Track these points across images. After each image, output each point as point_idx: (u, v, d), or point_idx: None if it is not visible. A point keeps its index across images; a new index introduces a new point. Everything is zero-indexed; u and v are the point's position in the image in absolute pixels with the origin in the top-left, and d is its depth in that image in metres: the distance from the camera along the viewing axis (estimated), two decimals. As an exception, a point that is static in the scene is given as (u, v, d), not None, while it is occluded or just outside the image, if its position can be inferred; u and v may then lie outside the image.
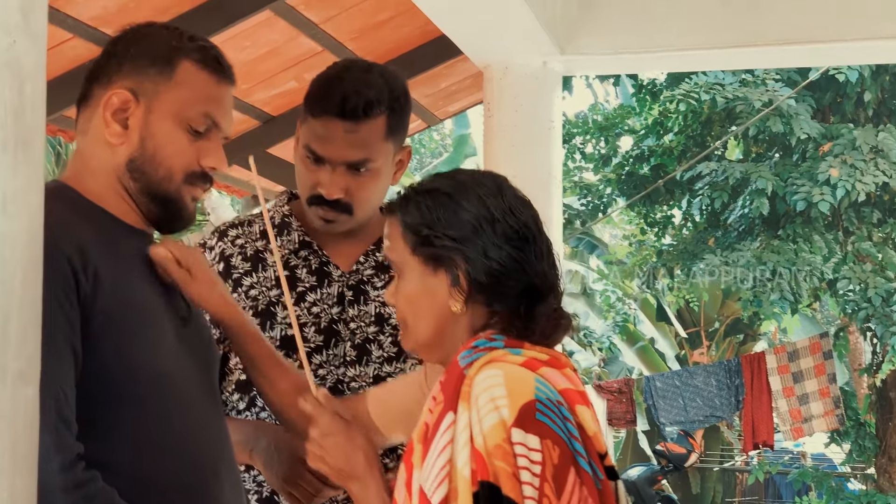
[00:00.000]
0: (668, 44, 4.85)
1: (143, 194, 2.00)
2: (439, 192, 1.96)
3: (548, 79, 4.86)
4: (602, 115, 15.24)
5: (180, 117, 1.99)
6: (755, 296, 11.59)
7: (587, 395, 1.89)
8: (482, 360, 1.86)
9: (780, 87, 11.47)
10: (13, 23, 1.34)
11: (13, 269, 1.33)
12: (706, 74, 11.69)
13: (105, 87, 1.99)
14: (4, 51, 1.32)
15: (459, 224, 1.93)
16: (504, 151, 4.79)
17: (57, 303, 1.77)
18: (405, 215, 1.98)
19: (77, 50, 4.35)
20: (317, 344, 2.49)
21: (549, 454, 1.75)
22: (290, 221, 2.57)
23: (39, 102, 1.39)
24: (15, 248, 1.33)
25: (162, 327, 1.97)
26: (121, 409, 1.87)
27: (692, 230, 13.77)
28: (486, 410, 1.77)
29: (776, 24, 4.67)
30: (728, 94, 11.51)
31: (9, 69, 1.33)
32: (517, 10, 4.21)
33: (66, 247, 1.82)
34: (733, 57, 5.12)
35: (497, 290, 1.92)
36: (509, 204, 1.95)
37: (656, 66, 8.01)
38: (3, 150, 1.32)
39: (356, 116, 2.39)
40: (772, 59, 5.68)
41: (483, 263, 1.91)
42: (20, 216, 1.35)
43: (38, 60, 1.38)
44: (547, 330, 1.93)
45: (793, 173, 11.41)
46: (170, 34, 2.04)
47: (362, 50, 5.19)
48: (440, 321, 1.95)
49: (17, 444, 1.33)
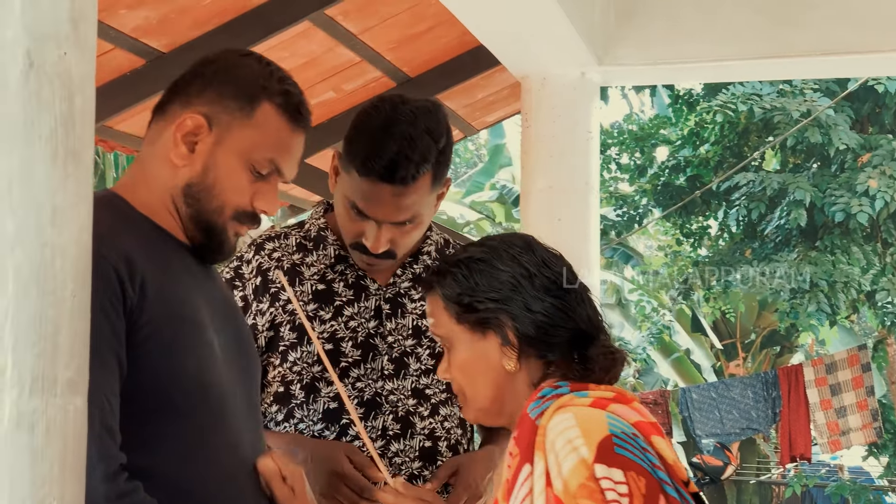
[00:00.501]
0: (705, 54, 4.84)
1: (191, 220, 1.99)
2: (472, 260, 2.00)
3: (586, 89, 4.86)
4: (638, 126, 15.20)
5: (247, 157, 1.98)
6: (792, 307, 11.54)
7: (660, 426, 1.91)
8: (552, 407, 1.88)
9: (818, 98, 11.42)
10: (63, 35, 1.35)
11: (63, 280, 1.34)
12: (743, 85, 11.65)
13: (183, 106, 1.98)
14: (56, 62, 1.33)
15: (498, 285, 1.97)
16: (542, 162, 4.78)
17: (103, 312, 1.77)
18: (444, 289, 2.01)
19: (118, 61, 4.38)
20: (354, 358, 2.49)
21: (636, 485, 1.76)
22: (325, 235, 2.56)
23: (88, 114, 1.40)
24: (65, 259, 1.34)
25: (207, 339, 1.96)
26: (163, 419, 1.87)
27: (728, 241, 13.71)
28: (564, 453, 1.79)
29: (813, 35, 4.65)
30: (766, 104, 11.47)
31: (59, 80, 1.34)
32: (555, 20, 4.21)
33: (114, 256, 1.82)
34: (771, 67, 5.10)
35: (547, 341, 1.95)
36: (541, 257, 2.00)
37: (694, 77, 7.99)
38: (53, 161, 1.33)
39: (403, 183, 2.37)
40: (809, 69, 5.66)
41: (528, 317, 1.95)
42: (69, 227, 1.36)
43: (87, 72, 1.39)
44: (606, 366, 1.96)
45: (831, 184, 11.35)
46: (260, 70, 2.02)
47: (400, 60, 5.20)
48: (497, 383, 1.98)
49: (67, 454, 1.34)
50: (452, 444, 2.54)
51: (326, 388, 2.47)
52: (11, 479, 1.27)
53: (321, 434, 2.47)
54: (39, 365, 1.30)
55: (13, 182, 1.29)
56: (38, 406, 1.30)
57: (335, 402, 2.47)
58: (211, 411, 1.94)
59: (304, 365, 2.47)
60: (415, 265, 2.57)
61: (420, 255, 2.59)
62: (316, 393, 2.47)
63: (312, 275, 2.52)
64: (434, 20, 4.91)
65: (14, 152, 1.29)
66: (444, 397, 2.54)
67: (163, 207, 2.00)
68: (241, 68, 2.01)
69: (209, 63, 2.03)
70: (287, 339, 2.48)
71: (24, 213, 1.29)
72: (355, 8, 4.61)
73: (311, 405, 2.48)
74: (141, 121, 4.90)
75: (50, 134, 1.32)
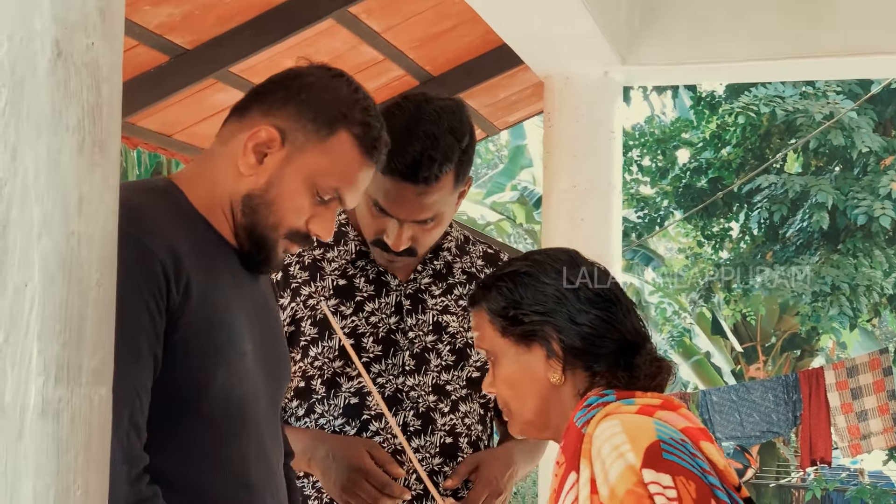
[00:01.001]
0: (729, 55, 4.83)
1: (244, 229, 1.97)
2: (517, 274, 2.02)
3: (609, 89, 4.85)
4: (659, 128, 15.18)
5: (312, 181, 1.96)
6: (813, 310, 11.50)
7: (708, 432, 1.91)
8: (598, 415, 1.89)
9: (841, 100, 11.39)
10: (91, 24, 1.35)
11: (89, 269, 1.34)
12: (766, 87, 11.62)
13: (263, 114, 1.96)
14: (83, 52, 1.33)
15: (543, 298, 1.99)
16: (564, 161, 4.78)
17: (146, 309, 1.77)
18: (489, 303, 2.02)
19: (142, 57, 4.39)
20: (375, 354, 2.49)
21: (686, 489, 1.76)
22: (346, 231, 2.56)
23: (116, 104, 1.40)
24: (91, 248, 1.34)
25: (242, 348, 1.94)
26: (188, 423, 1.87)
27: (750, 244, 13.68)
28: (611, 460, 1.79)
29: (838, 35, 4.63)
30: (788, 106, 11.44)
31: (87, 70, 1.34)
32: (579, 20, 4.20)
33: (162, 253, 1.81)
34: (795, 68, 5.08)
35: (593, 352, 1.97)
36: (586, 271, 2.02)
37: (717, 77, 7.97)
38: (80, 151, 1.33)
39: (426, 182, 2.36)
40: (833, 70, 5.64)
41: (574, 329, 1.96)
42: (96, 216, 1.36)
43: (114, 62, 1.39)
44: (651, 374, 1.97)
45: (853, 187, 11.32)
46: (347, 96, 1.98)
47: (423, 59, 5.20)
48: (543, 395, 1.99)
49: (91, 443, 1.34)
50: (473, 441, 2.54)
51: (347, 384, 2.47)
52: (36, 467, 1.27)
53: (342, 429, 2.47)
54: (65, 354, 1.30)
55: (40, 171, 1.29)
56: (63, 395, 1.30)
57: (356, 397, 2.47)
58: (235, 419, 1.93)
59: (325, 360, 2.47)
60: (435, 261, 2.58)
61: (440, 251, 2.59)
62: (337, 388, 2.47)
63: (333, 270, 2.52)
64: (457, 19, 4.91)
65: (41, 141, 1.29)
66: (465, 393, 2.54)
67: (218, 208, 1.97)
68: (329, 90, 1.98)
69: (298, 77, 1.99)
70: (308, 333, 2.48)
71: (51, 202, 1.30)
72: (379, 6, 4.62)
73: (331, 400, 2.48)
74: (164, 118, 4.93)
75: (77, 123, 1.32)
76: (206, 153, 2.03)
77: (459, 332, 2.55)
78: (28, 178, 1.28)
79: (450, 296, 2.56)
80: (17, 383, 1.27)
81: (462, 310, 2.56)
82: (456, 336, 2.55)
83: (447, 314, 2.55)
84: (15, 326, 1.27)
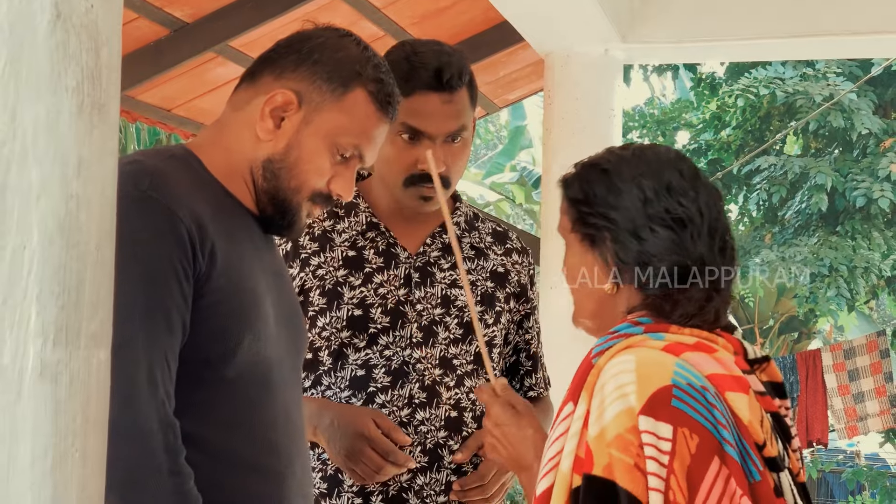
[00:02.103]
0: (730, 33, 4.83)
1: (266, 194, 1.98)
2: (598, 168, 1.91)
3: (609, 67, 4.85)
4: (659, 109, 15.17)
5: (332, 140, 1.97)
6: (811, 292, 11.51)
7: (745, 382, 1.79)
8: (617, 347, 1.80)
9: (841, 82, 11.38)
10: (91, -13, 1.34)
11: (87, 232, 1.34)
12: (766, 68, 11.61)
13: (275, 78, 1.97)
14: (83, 14, 1.33)
15: (612, 203, 1.87)
16: (564, 139, 4.78)
17: (175, 276, 1.78)
18: (568, 189, 1.94)
19: (142, 30, 4.38)
20: (383, 325, 2.49)
21: (685, 443, 1.67)
22: (357, 202, 2.57)
23: (115, 67, 1.39)
24: (90, 211, 1.34)
25: (265, 312, 1.95)
26: (214, 388, 1.87)
27: (749, 225, 13.68)
28: (611, 399, 1.71)
29: (839, 15, 4.63)
30: (788, 87, 11.44)
31: (86, 32, 1.33)
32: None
33: (188, 220, 1.81)
34: (797, 47, 5.08)
35: (644, 272, 1.85)
36: (667, 183, 1.87)
37: (718, 56, 7.96)
38: (80, 113, 1.32)
39: (452, 87, 2.42)
40: (835, 49, 5.64)
41: (632, 244, 1.85)
42: (95, 180, 1.35)
43: (114, 25, 1.39)
44: (690, 311, 1.84)
45: (853, 169, 11.32)
46: (358, 55, 1.99)
47: (423, 34, 5.19)
48: (598, 300, 1.92)
49: (90, 406, 1.34)
50: (478, 416, 2.54)
51: (354, 355, 2.47)
52: (34, 429, 1.27)
53: (348, 401, 2.48)
54: (63, 316, 1.30)
55: (39, 133, 1.28)
56: (62, 357, 1.29)
57: (362, 369, 2.47)
58: (260, 383, 1.93)
59: (332, 331, 2.47)
60: (444, 235, 2.58)
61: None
62: (343, 360, 2.48)
63: (343, 241, 2.53)
64: (458, -5, 4.90)
65: (40, 103, 1.29)
66: (471, 369, 2.54)
67: (237, 174, 1.98)
68: (339, 50, 1.99)
69: (307, 39, 2.00)
70: (317, 304, 2.49)
71: (50, 165, 1.29)
72: (380, -19, 4.61)
73: (338, 372, 2.48)
74: (164, 91, 4.92)
75: (76, 86, 1.32)
76: (220, 121, 2.04)
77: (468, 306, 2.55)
78: (27, 140, 1.28)
79: (458, 270, 2.56)
80: (15, 345, 1.26)
81: (470, 284, 2.56)
82: (464, 310, 2.55)
83: (455, 287, 2.55)
84: (13, 289, 1.27)
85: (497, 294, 2.60)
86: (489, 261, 2.62)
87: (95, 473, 1.35)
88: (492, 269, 2.61)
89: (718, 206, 1.91)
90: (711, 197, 1.90)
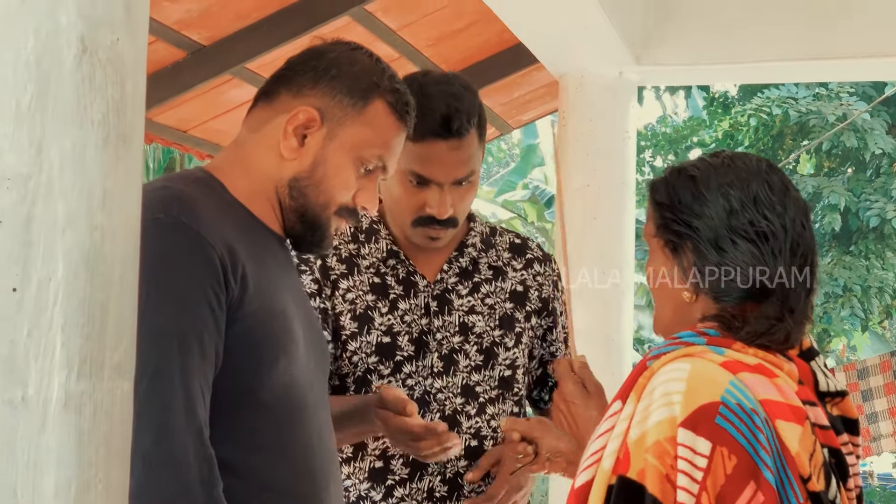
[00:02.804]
0: (744, 56, 4.83)
1: (294, 212, 1.98)
2: (686, 174, 1.89)
3: (623, 89, 4.86)
4: (671, 128, 15.16)
5: (356, 154, 1.97)
6: (825, 312, 11.48)
7: (802, 412, 1.75)
8: (675, 353, 1.78)
9: (854, 102, 11.38)
10: (117, 20, 1.35)
11: (112, 264, 1.35)
12: (779, 88, 11.61)
13: (294, 96, 1.97)
14: (108, 48, 1.34)
15: (696, 210, 1.85)
16: (578, 161, 4.79)
17: (207, 302, 1.77)
18: (656, 193, 1.92)
19: (160, 53, 4.41)
20: (409, 353, 2.49)
21: (722, 463, 1.64)
22: (378, 228, 2.56)
23: (140, 99, 1.40)
24: (114, 242, 1.35)
25: (296, 335, 1.94)
26: (248, 413, 1.86)
27: (761, 245, 13.65)
28: (657, 404, 1.69)
29: (853, 38, 4.63)
30: (801, 107, 11.44)
31: (112, 66, 1.34)
32: (595, 19, 4.21)
33: (219, 245, 1.81)
34: (810, 69, 5.09)
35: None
36: (754, 195, 1.84)
37: (732, 78, 7.97)
38: (105, 145, 1.33)
39: (460, 134, 2.40)
40: (848, 72, 5.64)
41: (712, 255, 1.83)
42: (119, 211, 1.36)
43: (138, 57, 1.40)
44: (758, 330, 1.80)
45: (866, 189, 11.31)
46: (373, 67, 2.01)
47: (438, 57, 5.21)
48: (677, 306, 1.89)
49: (113, 437, 1.34)
50: (498, 444, 2.53)
51: (377, 382, 2.47)
52: (58, 460, 1.28)
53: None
54: (87, 347, 1.31)
55: (65, 165, 1.29)
56: (86, 388, 1.30)
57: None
58: (294, 407, 1.92)
59: (362, 356, 2.47)
60: (461, 258, 2.57)
61: (465, 247, 2.58)
62: (367, 387, 2.47)
63: (368, 267, 2.53)
64: (473, 17, 4.92)
65: (66, 136, 1.30)
66: (495, 394, 2.54)
67: (260, 196, 1.97)
68: (354, 63, 2.00)
69: (321, 55, 2.00)
70: (348, 328, 2.48)
71: (76, 197, 1.30)
72: (395, 4, 4.63)
73: None
74: (180, 113, 4.94)
75: (102, 118, 1.33)
76: (238, 143, 2.03)
77: (486, 331, 2.54)
78: (53, 173, 1.29)
79: (476, 294, 2.56)
80: (40, 376, 1.27)
81: (488, 308, 2.56)
82: (483, 335, 2.54)
83: (473, 314, 2.55)
84: (39, 320, 1.27)
85: (516, 315, 2.59)
86: (507, 280, 2.60)
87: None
88: (511, 290, 2.60)
89: (805, 222, 1.87)
90: (798, 213, 1.86)
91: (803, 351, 1.87)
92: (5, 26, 1.27)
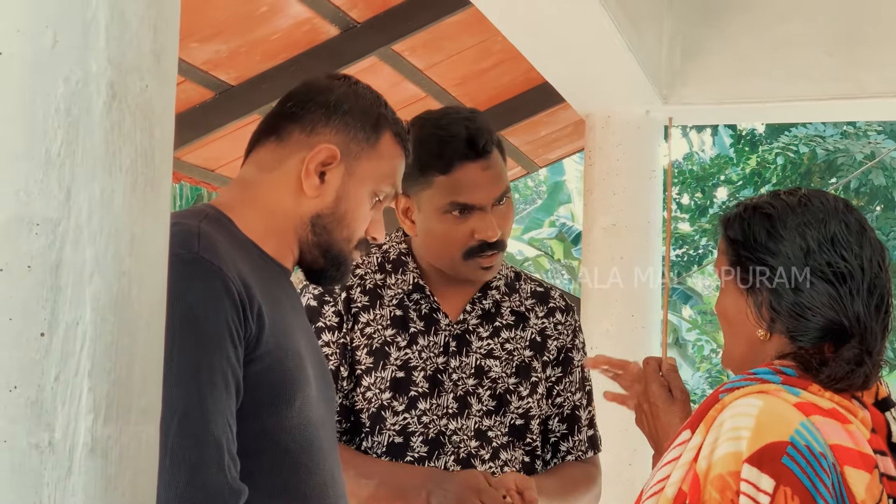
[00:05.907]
0: (771, 94, 4.83)
1: (318, 248, 1.98)
2: (762, 213, 1.88)
3: (650, 127, 4.86)
4: (698, 165, 15.15)
5: (373, 186, 1.98)
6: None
7: (872, 460, 1.73)
8: (749, 389, 1.77)
9: (882, 140, 11.34)
10: (146, 67, 1.36)
11: (139, 309, 1.35)
12: (806, 126, 11.60)
13: (307, 134, 1.96)
14: (137, 94, 1.35)
15: (772, 249, 1.84)
16: (605, 200, 4.79)
17: (230, 337, 1.76)
18: (729, 229, 1.91)
19: (188, 93, 4.44)
20: (423, 390, 2.47)
21: (784, 502, 1.64)
22: (406, 261, 2.55)
23: (168, 146, 1.41)
24: (141, 288, 1.35)
25: (308, 373, 1.93)
26: (267, 456, 1.85)
27: (789, 283, 13.59)
28: (725, 438, 1.70)
29: (882, 76, 4.63)
30: (829, 145, 11.42)
31: (140, 112, 1.35)
32: (621, 59, 4.22)
33: (238, 283, 1.80)
34: (838, 108, 5.08)
35: (797, 324, 1.81)
36: (832, 234, 1.83)
37: (759, 117, 7.96)
38: (133, 192, 1.34)
39: (487, 152, 2.43)
40: (877, 111, 5.63)
41: (788, 295, 1.81)
42: (147, 257, 1.37)
43: (167, 104, 1.41)
44: (837, 375, 1.78)
45: (895, 227, 11.24)
46: (374, 98, 2.02)
47: (465, 96, 5.23)
48: (750, 344, 1.88)
49: (138, 481, 1.35)
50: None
51: (392, 419, 2.45)
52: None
53: None
54: (114, 392, 1.31)
55: (93, 211, 1.30)
56: (112, 433, 1.30)
57: (400, 436, 2.45)
58: (310, 448, 1.91)
59: (375, 391, 2.46)
60: (484, 300, 2.56)
61: (489, 289, 2.57)
62: (381, 423, 2.46)
63: (391, 298, 2.52)
64: (499, 57, 4.94)
65: (95, 182, 1.30)
66: (507, 441, 2.51)
67: (276, 234, 1.96)
68: (360, 97, 2.00)
69: (327, 90, 2.00)
70: (364, 363, 2.48)
71: (104, 243, 1.31)
72: (422, 44, 4.65)
73: (375, 436, 2.46)
74: (208, 152, 4.98)
75: (130, 165, 1.33)
76: (247, 181, 2.00)
77: (501, 377, 2.52)
78: (81, 219, 1.30)
79: (496, 339, 2.54)
80: (66, 420, 1.28)
81: (507, 354, 2.55)
82: (497, 381, 2.52)
83: (490, 358, 2.53)
84: (66, 365, 1.28)
85: (534, 364, 2.56)
86: (528, 328, 2.58)
87: (144, 548, 1.36)
88: (531, 338, 2.58)
89: (881, 263, 1.86)
90: (875, 253, 1.85)
91: (879, 400, 1.85)
92: (36, 73, 1.28)
